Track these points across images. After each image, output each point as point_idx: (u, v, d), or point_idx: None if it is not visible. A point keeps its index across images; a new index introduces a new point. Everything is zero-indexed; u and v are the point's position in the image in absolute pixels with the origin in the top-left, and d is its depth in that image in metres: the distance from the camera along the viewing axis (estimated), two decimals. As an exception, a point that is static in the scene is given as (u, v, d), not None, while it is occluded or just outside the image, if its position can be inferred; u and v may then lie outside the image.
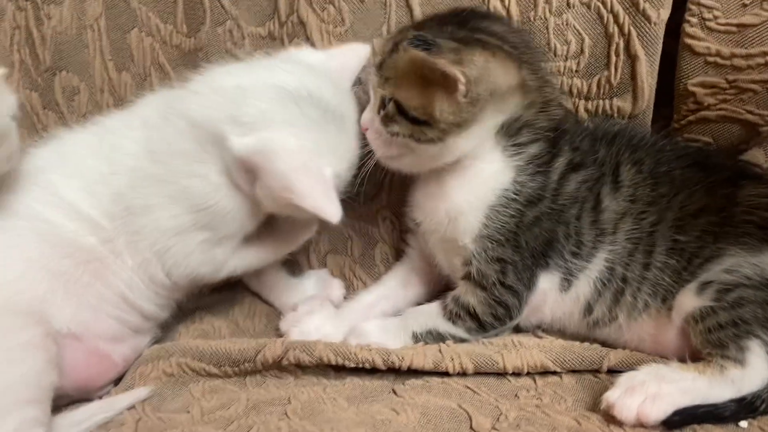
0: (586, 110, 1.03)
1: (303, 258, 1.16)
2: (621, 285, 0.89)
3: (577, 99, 1.03)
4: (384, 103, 0.87)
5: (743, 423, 0.78)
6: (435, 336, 0.92)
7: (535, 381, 0.88)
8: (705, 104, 1.00)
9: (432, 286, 1.03)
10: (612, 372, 0.87)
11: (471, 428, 0.79)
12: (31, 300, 0.83)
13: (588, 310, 0.91)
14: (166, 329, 1.02)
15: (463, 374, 0.88)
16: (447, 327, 0.92)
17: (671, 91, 1.03)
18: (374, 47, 0.92)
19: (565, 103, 1.02)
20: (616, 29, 0.97)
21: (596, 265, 0.89)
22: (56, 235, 0.87)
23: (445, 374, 0.88)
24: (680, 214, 0.87)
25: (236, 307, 1.09)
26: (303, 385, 0.88)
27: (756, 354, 0.79)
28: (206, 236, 0.91)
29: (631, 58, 0.98)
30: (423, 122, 0.85)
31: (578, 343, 0.92)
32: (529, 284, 0.90)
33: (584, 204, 0.90)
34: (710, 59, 0.97)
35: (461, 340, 0.92)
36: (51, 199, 0.88)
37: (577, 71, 1.01)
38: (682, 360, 0.82)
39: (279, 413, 0.82)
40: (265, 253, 0.99)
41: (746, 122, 1.00)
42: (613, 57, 0.99)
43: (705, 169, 0.90)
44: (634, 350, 0.89)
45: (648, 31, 0.95)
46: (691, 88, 1.00)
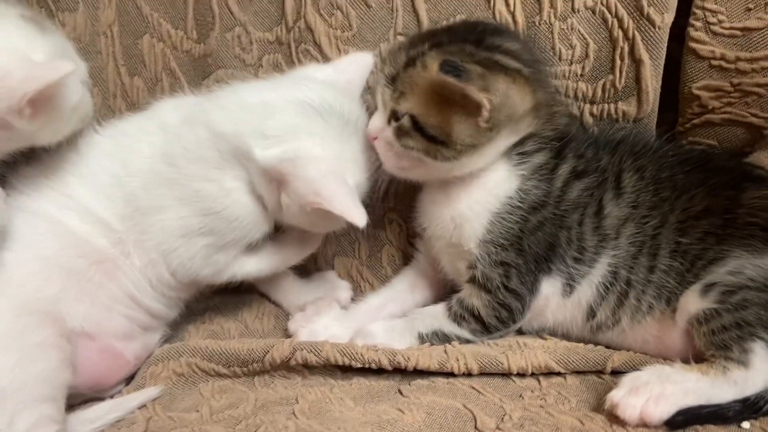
0: (591, 114, 1.04)
1: (311, 260, 1.17)
2: (625, 288, 0.89)
3: (583, 103, 1.04)
4: (396, 116, 0.88)
5: (746, 424, 0.78)
6: (440, 337, 0.94)
7: (540, 382, 0.89)
8: (710, 107, 1.01)
9: (438, 290, 1.05)
10: (616, 373, 0.87)
11: (476, 428, 0.80)
12: (46, 299, 0.85)
13: (591, 314, 0.92)
14: (176, 328, 1.04)
15: (468, 375, 0.89)
16: (452, 328, 0.93)
17: (676, 95, 1.04)
18: (383, 54, 0.94)
19: (571, 109, 1.03)
20: (621, 33, 0.98)
21: (599, 270, 0.90)
22: (71, 236, 0.90)
23: (451, 375, 0.89)
24: (683, 217, 0.88)
25: (245, 308, 1.11)
26: (310, 385, 0.90)
27: (759, 356, 0.80)
28: (210, 241, 0.93)
29: (636, 63, 0.98)
30: (440, 141, 0.86)
31: (582, 345, 0.93)
32: (532, 288, 0.91)
33: (586, 210, 0.91)
34: (715, 63, 0.98)
35: (466, 341, 0.94)
36: (66, 201, 0.91)
37: (582, 75, 1.02)
38: (686, 361, 0.83)
39: (287, 413, 0.84)
40: (266, 264, 1.02)
41: (750, 125, 1.01)
42: (618, 61, 0.99)
43: (708, 172, 0.91)
44: (638, 352, 0.90)
45: (652, 36, 0.96)
46: (696, 92, 1.01)
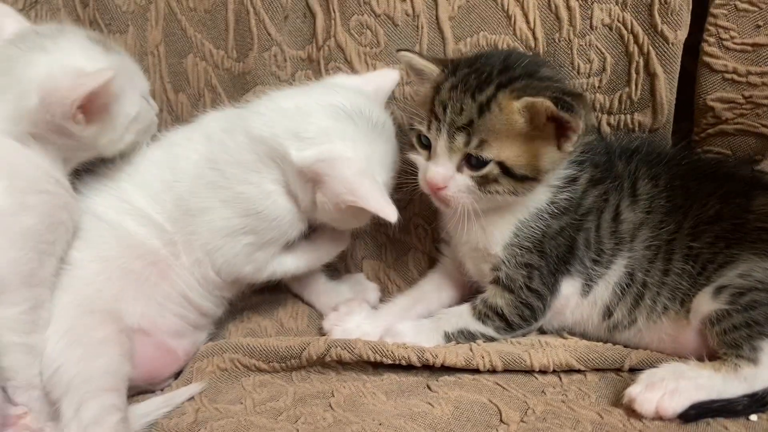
0: (609, 124, 1.09)
1: (340, 263, 1.23)
2: (641, 290, 0.94)
3: (600, 113, 1.09)
4: (471, 162, 0.89)
5: (754, 416, 0.83)
6: (466, 335, 0.99)
7: (561, 378, 0.93)
8: (723, 118, 1.05)
9: (463, 291, 1.10)
10: (633, 371, 0.92)
11: (501, 421, 0.85)
12: (107, 297, 0.92)
13: (607, 314, 0.97)
14: (218, 326, 1.11)
15: (493, 371, 0.94)
16: (477, 326, 0.99)
17: (692, 106, 1.09)
18: (438, 100, 0.90)
19: (593, 120, 1.08)
20: (636, 49, 1.03)
21: (616, 272, 0.96)
22: (129, 238, 0.97)
23: (476, 371, 0.94)
24: (695, 223, 0.93)
25: (280, 308, 1.17)
26: (344, 380, 0.95)
27: (767, 353, 0.84)
28: (252, 240, 0.99)
29: (651, 76, 1.03)
30: (530, 178, 0.90)
31: (601, 344, 0.97)
32: (553, 289, 0.97)
33: (603, 215, 0.96)
34: (727, 76, 1.03)
35: (490, 339, 0.99)
36: (123, 206, 0.98)
37: (600, 87, 1.07)
38: (701, 359, 0.88)
39: (324, 405, 0.90)
40: (302, 262, 1.08)
41: (761, 135, 1.05)
42: (634, 75, 1.04)
43: (719, 180, 0.96)
44: (655, 351, 0.95)
45: (666, 51, 1.01)
46: (710, 103, 1.05)
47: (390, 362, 0.95)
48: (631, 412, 0.84)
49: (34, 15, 1.21)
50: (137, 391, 0.96)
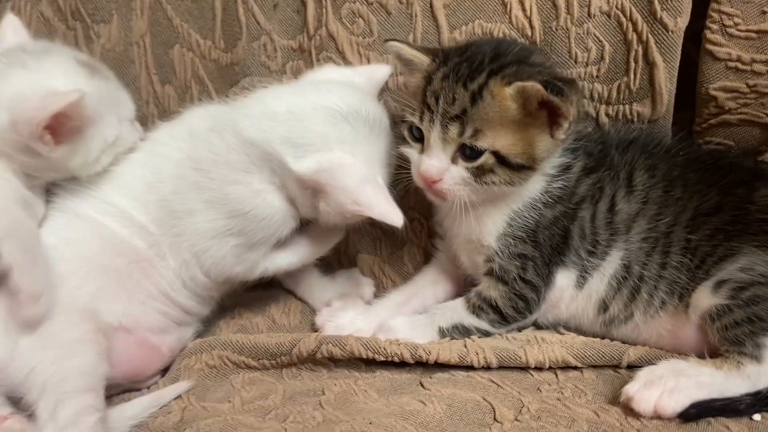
0: (607, 114, 1.06)
1: (334, 258, 1.21)
2: (638, 283, 0.92)
3: (598, 104, 1.06)
4: (465, 153, 0.87)
5: (757, 416, 0.80)
6: (461, 330, 0.97)
7: (557, 375, 0.91)
8: (726, 108, 1.03)
9: (459, 285, 1.08)
10: (632, 368, 0.90)
11: (495, 419, 0.83)
12: (84, 296, 0.90)
13: (603, 308, 0.95)
14: (208, 323, 1.09)
15: (488, 368, 0.92)
16: (472, 320, 0.97)
17: (693, 95, 1.06)
18: (428, 92, 0.89)
19: (587, 108, 1.05)
20: (635, 37, 1.00)
21: (611, 264, 0.93)
22: (110, 236, 0.95)
23: (470, 368, 0.92)
24: (694, 214, 0.91)
25: (272, 304, 1.15)
26: (336, 378, 0.94)
27: (772, 351, 0.82)
28: (240, 241, 0.97)
29: (650, 65, 1.01)
30: (526, 167, 0.88)
31: (599, 340, 0.95)
32: (547, 280, 0.95)
33: (598, 205, 0.94)
34: (731, 64, 1.00)
35: (486, 334, 0.97)
36: (105, 207, 0.96)
37: (598, 77, 1.05)
38: (701, 356, 0.85)
39: (314, 403, 0.88)
40: (295, 258, 1.06)
41: (766, 125, 1.03)
42: (632, 64, 1.02)
43: (720, 171, 0.93)
44: (653, 347, 0.92)
45: (666, 39, 0.98)
46: (713, 93, 1.02)
47: (382, 359, 0.93)
48: (629, 411, 0.82)
49: (12, 5, 1.18)
50: (122, 390, 0.94)
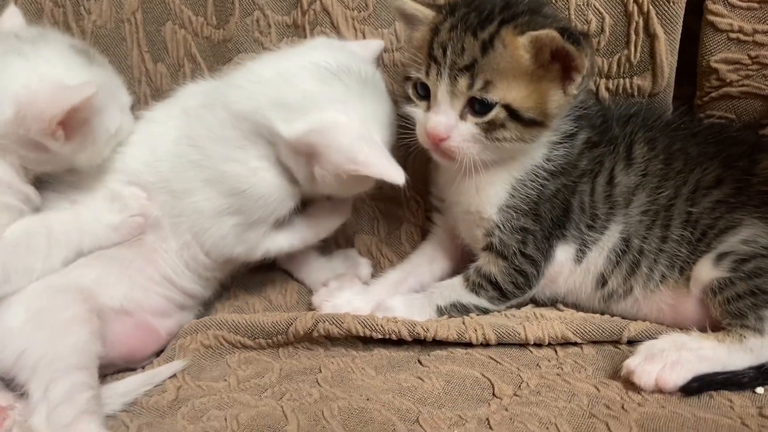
0: (607, 89, 1.05)
1: (331, 238, 1.18)
2: (637, 257, 0.91)
3: (598, 78, 1.04)
4: (474, 107, 0.84)
5: (760, 389, 0.79)
6: (459, 308, 0.96)
7: (556, 351, 0.90)
8: (728, 80, 1.01)
9: (457, 262, 1.06)
10: (632, 343, 0.89)
11: (494, 395, 0.82)
12: (84, 281, 0.89)
13: (602, 282, 0.94)
14: (207, 306, 1.08)
15: (486, 345, 0.91)
16: (470, 298, 0.95)
17: (694, 69, 1.04)
18: (435, 43, 0.85)
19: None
20: (636, 8, 0.99)
21: (610, 238, 0.92)
22: None
23: (469, 345, 0.91)
24: (695, 187, 0.89)
25: (269, 285, 1.14)
26: (332, 356, 0.93)
27: (775, 323, 0.81)
28: (239, 220, 0.95)
29: (651, 37, 0.99)
30: (537, 122, 0.85)
31: (599, 315, 0.94)
32: (547, 254, 0.93)
33: (597, 179, 0.92)
34: (733, 35, 0.98)
35: (484, 311, 0.96)
36: (105, 194, 0.94)
37: (598, 50, 1.03)
38: (702, 330, 0.85)
39: (311, 381, 0.87)
40: (298, 239, 1.04)
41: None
42: (633, 36, 1.00)
43: (721, 144, 0.92)
44: (654, 322, 0.91)
45: (667, 10, 0.97)
46: (714, 65, 1.01)
47: (380, 337, 0.92)
48: (630, 385, 0.81)
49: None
50: (116, 370, 0.93)
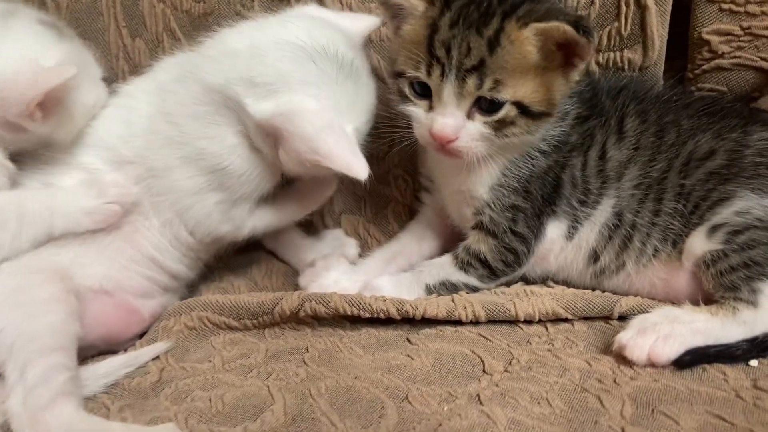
0: (597, 63, 1.03)
1: (318, 218, 1.17)
2: (630, 231, 0.90)
3: (588, 52, 1.03)
4: (482, 107, 0.82)
5: (754, 362, 0.78)
6: (448, 287, 0.94)
7: (547, 328, 0.89)
8: (719, 52, 1.00)
9: (446, 240, 1.05)
10: (623, 319, 0.88)
11: (484, 371, 0.80)
12: (60, 261, 0.86)
13: (594, 258, 0.92)
14: (192, 288, 1.05)
15: (476, 323, 0.90)
16: (459, 276, 0.94)
17: (685, 41, 1.03)
18: (437, 42, 0.81)
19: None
20: (626, -22, 0.97)
21: (602, 212, 0.91)
22: None
23: (459, 323, 0.90)
24: (687, 159, 0.88)
25: (254, 266, 1.12)
26: (320, 336, 0.91)
27: (768, 295, 0.80)
28: (222, 197, 0.93)
29: (641, 9, 0.97)
30: (546, 114, 0.83)
31: (590, 291, 0.93)
32: (537, 232, 0.92)
33: (589, 153, 0.91)
34: (725, 6, 0.97)
35: (473, 289, 0.94)
36: (80, 172, 0.91)
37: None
38: (696, 304, 0.83)
39: (297, 361, 0.85)
40: (285, 214, 1.01)
41: (760, 69, 1.00)
42: (624, 7, 0.98)
43: (713, 116, 0.90)
44: (646, 297, 0.90)
45: (658, -20, 0.95)
46: (706, 36, 0.99)
47: (368, 316, 0.90)
48: (622, 360, 0.80)
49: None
50: (98, 352, 0.91)
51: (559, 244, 0.94)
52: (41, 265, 0.85)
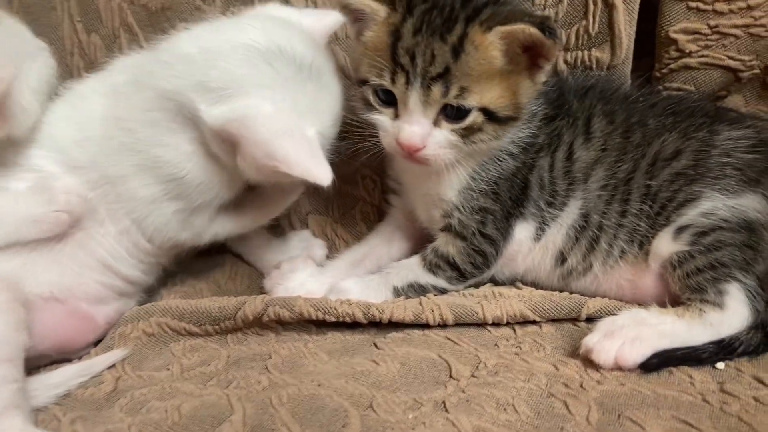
0: (565, 61, 1.03)
1: (284, 219, 1.15)
2: (596, 233, 0.89)
3: (556, 50, 1.02)
4: (448, 115, 0.81)
5: (720, 364, 0.78)
6: (416, 289, 0.93)
7: (515, 331, 0.88)
8: (687, 51, 1.00)
9: (415, 242, 1.03)
10: (591, 320, 0.87)
11: (451, 376, 0.79)
12: (4, 267, 0.82)
13: (561, 260, 0.92)
14: (151, 293, 1.02)
15: (444, 326, 0.88)
16: (427, 278, 0.93)
17: (653, 40, 1.03)
18: (400, 50, 0.80)
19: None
20: (594, -24, 0.96)
21: (570, 214, 0.90)
22: None
23: (426, 326, 0.88)
24: (653, 160, 0.87)
25: (218, 269, 1.10)
26: (284, 341, 0.89)
27: (734, 297, 0.80)
28: (180, 206, 0.90)
29: (609, 7, 0.97)
30: (513, 118, 0.83)
31: (557, 293, 0.92)
32: (506, 234, 0.91)
33: (556, 154, 0.90)
34: (692, 5, 0.97)
35: (442, 291, 0.93)
36: (32, 175, 0.87)
37: (556, 21, 1.00)
38: (662, 305, 0.83)
39: (260, 368, 0.83)
40: (248, 220, 0.99)
41: (727, 68, 1.00)
42: (591, 6, 0.98)
43: (680, 116, 0.90)
44: (613, 298, 0.89)
45: (625, -22, 0.95)
46: (673, 35, 0.99)
47: (334, 320, 0.89)
48: (589, 363, 0.79)
49: None
50: (51, 361, 0.88)
51: (527, 246, 0.93)
52: None
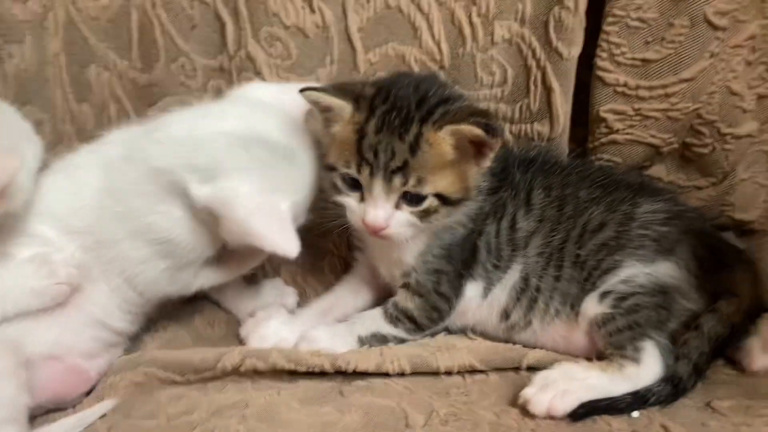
0: (511, 132, 1.14)
1: (259, 269, 1.23)
2: (535, 294, 1.01)
3: (503, 122, 1.14)
4: (407, 200, 0.92)
5: (635, 413, 0.89)
6: (378, 338, 1.03)
7: (465, 378, 0.99)
8: (615, 129, 1.12)
9: (378, 293, 1.14)
10: (531, 369, 0.98)
11: (407, 425, 0.89)
12: (8, 331, 0.90)
13: (505, 316, 1.03)
14: (134, 339, 1.10)
15: (402, 375, 0.98)
16: (389, 329, 1.03)
17: (588, 115, 1.14)
18: (365, 146, 0.90)
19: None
20: (534, 63, 1.08)
21: (512, 276, 1.02)
22: None
23: (387, 375, 0.98)
24: (582, 231, 0.99)
25: (197, 316, 1.17)
26: (259, 389, 0.97)
27: (649, 353, 0.92)
28: (169, 264, 0.99)
29: (547, 89, 1.09)
30: (464, 199, 0.95)
31: (502, 344, 1.03)
32: (458, 292, 1.02)
33: (501, 222, 1.02)
34: (618, 89, 1.09)
35: (401, 340, 1.04)
36: (30, 241, 0.94)
37: (502, 98, 1.13)
38: (590, 358, 0.95)
39: (238, 417, 0.91)
40: (230, 271, 1.08)
41: (650, 144, 1.13)
42: (532, 87, 1.10)
43: (606, 188, 1.02)
44: (550, 350, 1.01)
45: (561, 66, 1.07)
46: (603, 114, 1.11)
47: (304, 370, 0.97)
48: (526, 412, 0.90)
49: None
50: (45, 411, 0.95)
51: (476, 302, 1.04)
52: None
